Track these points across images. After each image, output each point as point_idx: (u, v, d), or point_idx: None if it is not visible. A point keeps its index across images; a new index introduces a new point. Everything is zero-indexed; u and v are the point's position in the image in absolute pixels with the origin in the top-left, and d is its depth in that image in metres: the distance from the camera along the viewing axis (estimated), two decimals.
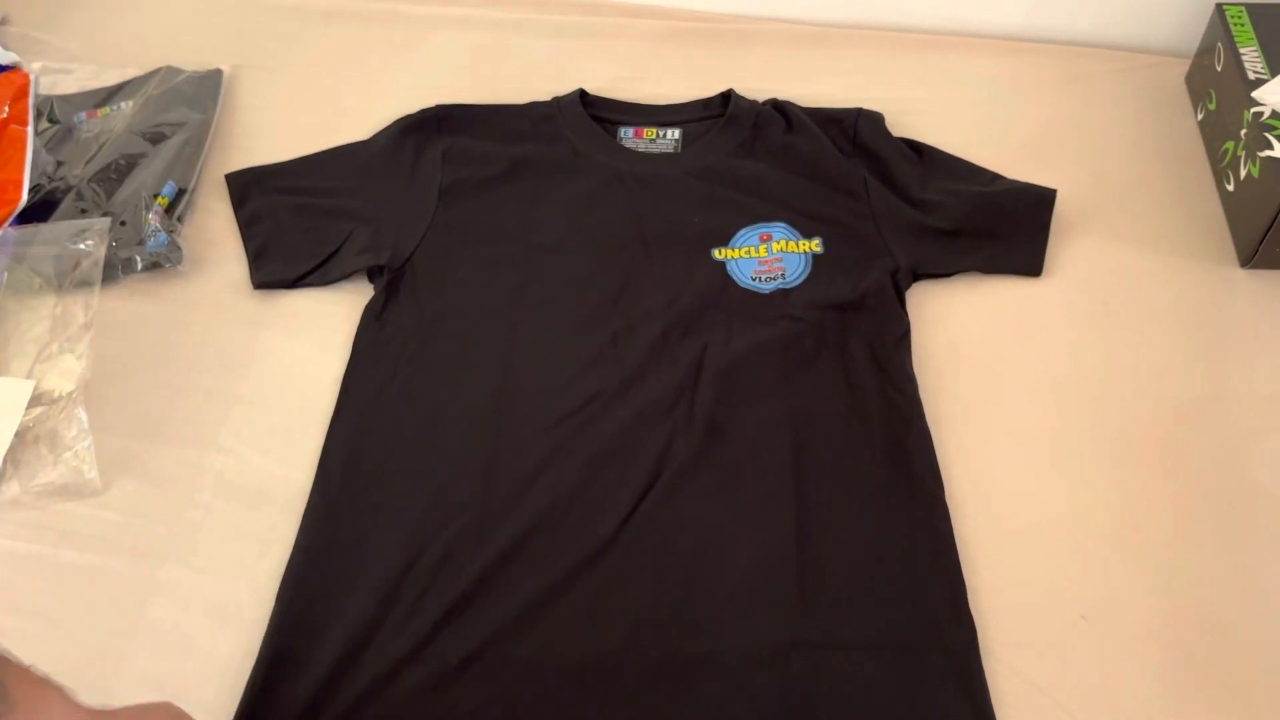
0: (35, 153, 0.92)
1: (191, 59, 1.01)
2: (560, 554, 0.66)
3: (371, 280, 0.82)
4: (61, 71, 1.01)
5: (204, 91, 0.97)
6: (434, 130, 0.89)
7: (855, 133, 0.88)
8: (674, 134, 0.90)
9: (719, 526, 0.68)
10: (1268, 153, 0.80)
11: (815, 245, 0.82)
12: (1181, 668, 0.62)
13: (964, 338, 0.79)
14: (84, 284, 0.82)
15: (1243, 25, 0.89)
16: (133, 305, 0.83)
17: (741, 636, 0.63)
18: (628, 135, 0.90)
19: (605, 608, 0.65)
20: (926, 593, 0.65)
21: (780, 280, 0.80)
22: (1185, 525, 0.68)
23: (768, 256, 0.81)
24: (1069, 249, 0.84)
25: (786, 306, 0.78)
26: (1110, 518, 0.69)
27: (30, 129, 0.95)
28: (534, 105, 0.92)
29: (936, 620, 0.64)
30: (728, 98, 0.92)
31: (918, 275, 0.81)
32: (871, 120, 0.89)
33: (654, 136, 0.90)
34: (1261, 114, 0.82)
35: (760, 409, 0.73)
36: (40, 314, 0.81)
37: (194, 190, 0.90)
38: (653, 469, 0.70)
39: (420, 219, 0.84)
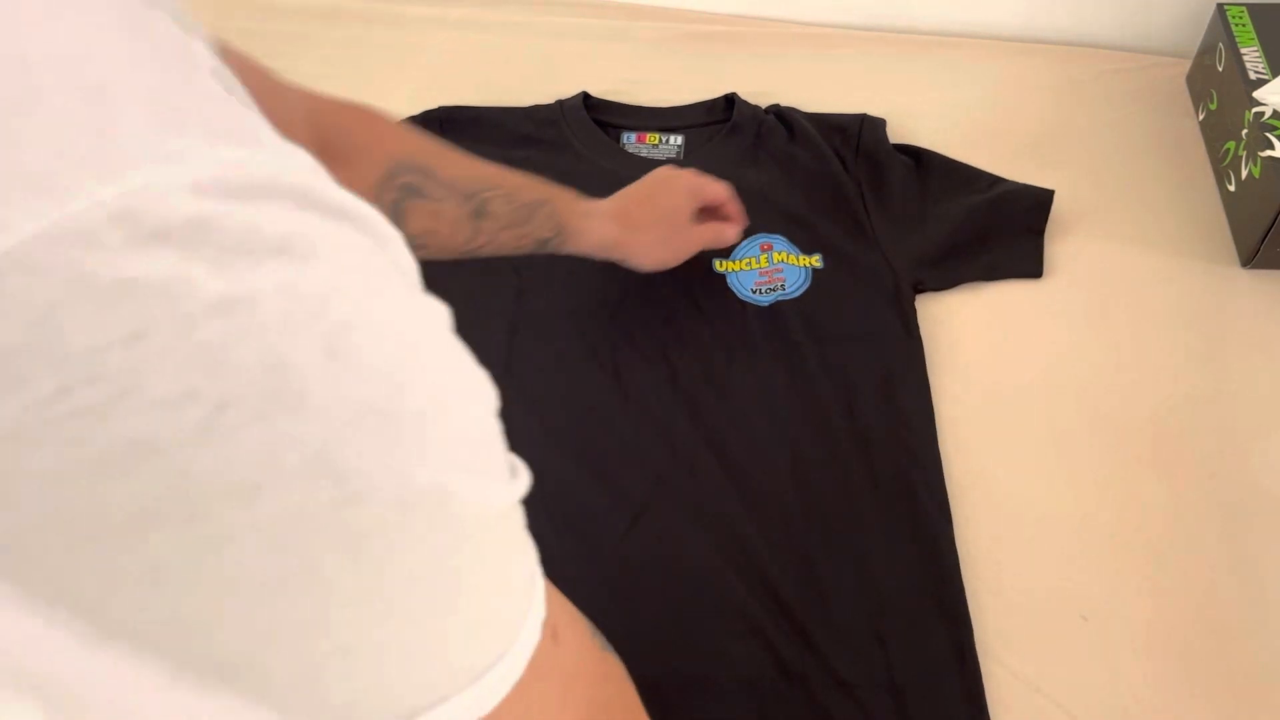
0: None
1: None
2: (553, 571, 0.66)
3: None
4: None
5: None
6: (436, 132, 0.89)
7: (859, 141, 0.87)
8: (677, 140, 0.90)
9: (715, 550, 0.66)
10: (1268, 153, 0.80)
11: (815, 261, 0.81)
12: (1181, 668, 0.63)
13: (964, 338, 0.79)
14: None
15: (1243, 25, 0.89)
16: None
17: (738, 664, 0.62)
18: (630, 140, 0.90)
19: (600, 626, 0.64)
20: (930, 633, 0.63)
21: (780, 291, 0.79)
22: (1185, 525, 0.69)
23: (768, 267, 0.80)
24: (1069, 249, 0.84)
25: (788, 323, 0.77)
26: (1110, 518, 0.69)
27: None
28: (537, 109, 0.92)
29: (940, 663, 0.62)
30: (730, 101, 0.92)
31: (920, 289, 0.80)
32: (874, 129, 0.88)
33: (657, 142, 0.90)
34: (1262, 114, 0.82)
35: (759, 430, 0.72)
36: None
37: None
38: (649, 488, 0.69)
39: None
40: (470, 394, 0.26)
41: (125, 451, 0.19)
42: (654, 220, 0.74)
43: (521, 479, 0.28)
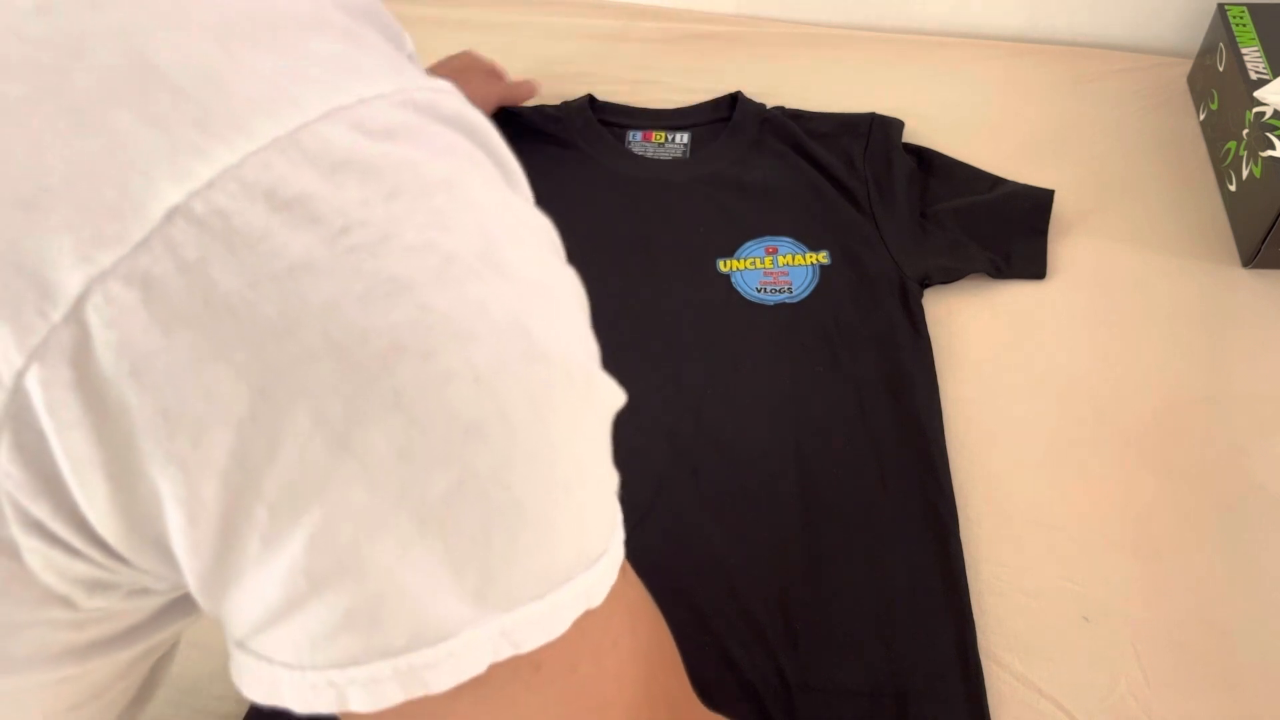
0: None
1: None
2: None
3: None
4: None
5: None
6: None
7: (869, 140, 0.87)
8: (683, 138, 0.90)
9: (719, 555, 0.66)
10: (1270, 153, 0.80)
11: (822, 257, 0.81)
12: (1181, 668, 0.63)
13: (964, 338, 0.79)
14: None
15: (1244, 25, 0.89)
16: None
17: (742, 670, 0.62)
18: (636, 139, 0.90)
19: None
20: (934, 638, 0.62)
21: (785, 294, 0.79)
22: (1186, 525, 0.69)
23: (773, 269, 0.80)
24: (1070, 249, 0.84)
25: (794, 323, 0.77)
26: (1111, 518, 0.69)
27: None
28: (542, 109, 0.92)
29: (944, 666, 0.61)
30: (736, 101, 0.92)
31: (925, 285, 0.80)
32: (885, 128, 0.88)
33: (663, 140, 0.90)
34: (1263, 114, 0.82)
35: (765, 432, 0.71)
36: None
37: None
38: (652, 491, 0.68)
39: None
40: (578, 296, 0.31)
41: (387, 285, 0.24)
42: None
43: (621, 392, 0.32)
